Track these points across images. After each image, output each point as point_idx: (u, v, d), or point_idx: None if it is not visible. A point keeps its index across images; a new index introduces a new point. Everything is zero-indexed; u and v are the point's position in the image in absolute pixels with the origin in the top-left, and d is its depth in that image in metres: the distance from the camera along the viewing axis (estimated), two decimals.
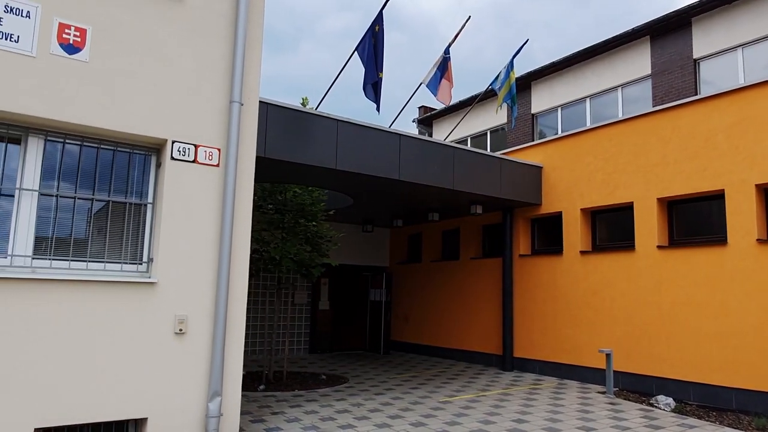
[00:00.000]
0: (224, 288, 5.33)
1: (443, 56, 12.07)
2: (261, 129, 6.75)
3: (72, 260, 4.92)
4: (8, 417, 4.37)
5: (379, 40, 10.18)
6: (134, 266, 5.22)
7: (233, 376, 5.44)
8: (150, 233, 5.30)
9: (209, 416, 5.16)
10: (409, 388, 9.04)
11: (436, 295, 13.47)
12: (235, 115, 5.53)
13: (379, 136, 8.61)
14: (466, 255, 12.77)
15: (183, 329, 5.18)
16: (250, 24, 5.81)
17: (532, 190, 10.83)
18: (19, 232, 4.68)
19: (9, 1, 4.58)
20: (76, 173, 5.05)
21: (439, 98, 11.97)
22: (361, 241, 14.47)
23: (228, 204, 5.42)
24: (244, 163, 5.66)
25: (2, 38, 4.52)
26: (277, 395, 8.17)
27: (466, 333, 12.47)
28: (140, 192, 5.35)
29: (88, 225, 5.11)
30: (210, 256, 5.38)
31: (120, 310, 4.91)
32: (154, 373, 5.01)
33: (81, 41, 4.87)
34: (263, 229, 8.99)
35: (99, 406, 4.75)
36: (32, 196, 4.78)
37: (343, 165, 8.08)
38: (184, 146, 5.34)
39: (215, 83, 5.57)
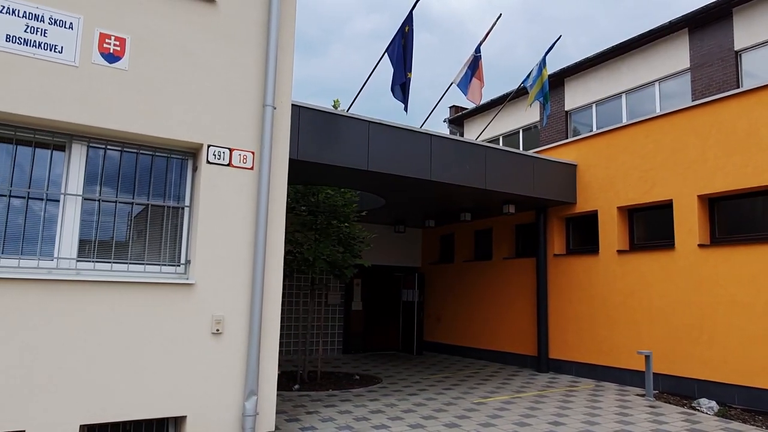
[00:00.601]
0: (259, 289, 5.43)
1: (474, 55, 11.99)
2: (293, 132, 6.84)
3: (114, 262, 5.09)
4: (56, 414, 4.54)
5: (408, 41, 10.18)
6: (173, 268, 5.36)
7: (269, 375, 5.53)
8: (187, 236, 5.43)
9: (246, 415, 5.26)
10: (442, 388, 9.01)
11: (469, 295, 13.38)
12: (268, 119, 5.62)
13: (410, 136, 8.61)
14: (499, 255, 12.65)
15: (220, 329, 5.29)
16: (282, 29, 5.90)
17: (567, 189, 10.65)
18: (64, 236, 4.87)
19: (53, 14, 4.77)
20: (117, 178, 5.22)
21: (469, 98, 11.89)
22: (393, 241, 14.49)
23: (262, 206, 5.51)
24: (277, 166, 5.75)
25: (47, 49, 4.71)
26: (311, 395, 8.26)
27: (499, 334, 12.35)
28: (178, 195, 5.50)
29: (129, 228, 5.28)
30: (245, 258, 5.48)
31: (159, 311, 5.05)
32: (192, 372, 5.14)
33: (121, 50, 5.04)
34: (296, 231, 9.10)
35: (141, 403, 4.90)
36: (76, 201, 4.96)
37: (374, 166, 8.12)
38: (220, 150, 5.45)
39: (249, 88, 5.68)
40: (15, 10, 4.62)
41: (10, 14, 4.59)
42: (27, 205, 4.81)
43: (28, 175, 4.82)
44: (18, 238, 4.72)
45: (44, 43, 4.71)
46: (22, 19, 4.63)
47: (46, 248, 4.82)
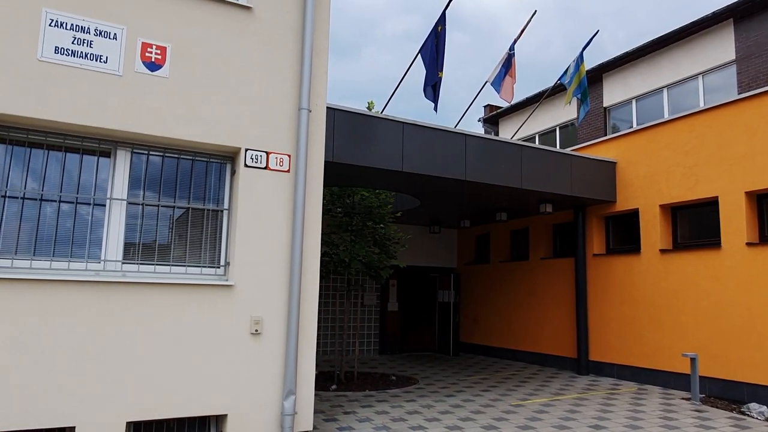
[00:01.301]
0: (296, 290, 5.50)
1: (508, 53, 11.86)
2: (328, 134, 6.91)
3: (157, 264, 5.25)
4: (104, 411, 4.71)
5: (441, 41, 10.16)
6: (213, 269, 5.49)
7: (306, 375, 5.60)
8: (226, 238, 5.55)
9: (284, 414, 5.34)
10: (479, 390, 8.93)
11: (506, 296, 13.22)
12: (303, 122, 5.70)
13: (445, 136, 8.57)
14: (536, 255, 12.45)
15: (258, 330, 5.38)
16: (317, 33, 5.96)
17: (606, 187, 10.40)
18: (110, 239, 5.05)
19: (98, 25, 4.95)
20: (159, 182, 5.38)
21: (502, 96, 11.77)
22: (428, 242, 14.45)
23: (299, 208, 5.59)
24: (313, 168, 5.82)
25: (93, 60, 4.90)
26: (348, 395, 8.32)
27: (537, 335, 12.16)
28: (217, 198, 5.63)
29: (170, 231, 5.43)
30: (282, 259, 5.57)
31: (200, 311, 5.18)
32: (232, 372, 5.25)
33: (161, 58, 5.19)
34: (332, 232, 9.17)
35: (183, 401, 5.03)
36: (121, 205, 5.14)
37: (409, 167, 8.12)
38: (257, 153, 5.55)
39: (284, 91, 5.76)
40: (63, 23, 4.82)
41: (58, 27, 4.80)
42: (75, 209, 5.00)
43: (76, 181, 5.02)
44: (67, 242, 4.92)
45: (90, 53, 4.89)
46: (69, 31, 4.83)
47: (94, 251, 5.01)
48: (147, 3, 5.19)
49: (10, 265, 4.66)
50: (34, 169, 4.89)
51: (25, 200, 4.83)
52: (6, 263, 4.66)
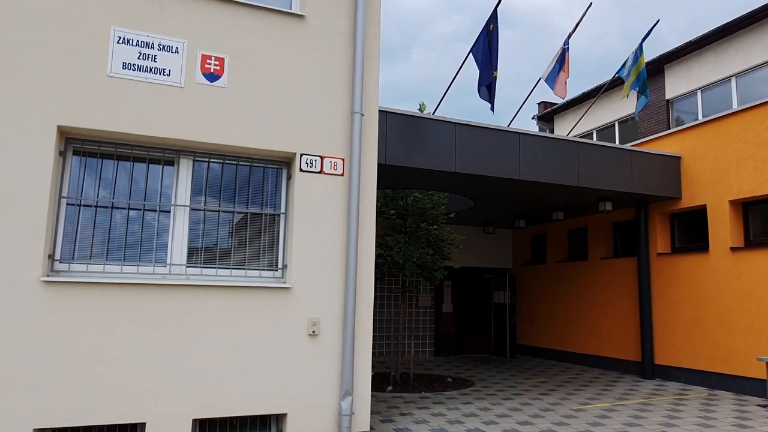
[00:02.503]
0: (352, 291, 5.57)
1: (562, 48, 11.57)
2: (381, 137, 6.96)
3: (218, 268, 5.45)
4: (172, 408, 4.93)
5: (493, 39, 10.03)
6: (271, 272, 5.64)
7: (363, 376, 5.66)
8: (284, 241, 5.69)
9: (342, 414, 5.41)
10: (538, 393, 8.75)
11: (564, 297, 12.88)
12: (356, 126, 5.77)
13: (498, 135, 8.46)
14: (596, 255, 12.07)
15: (315, 331, 5.49)
16: (368, 38, 6.03)
17: (670, 183, 9.96)
18: (175, 244, 5.29)
19: (162, 40, 5.20)
20: (219, 188, 5.58)
21: (556, 92, 11.49)
22: (482, 243, 14.28)
23: (353, 211, 5.66)
24: (366, 171, 5.88)
25: (157, 73, 5.15)
26: (404, 396, 8.34)
27: (598, 337, 11.78)
28: (274, 203, 5.78)
29: (230, 235, 5.62)
30: (338, 261, 5.65)
31: (260, 313, 5.33)
32: (291, 372, 5.37)
33: (220, 69, 5.39)
34: (386, 234, 9.22)
35: (245, 400, 5.20)
36: (185, 211, 5.37)
37: (462, 167, 8.06)
38: (312, 158, 5.67)
39: (337, 96, 5.86)
40: (129, 39, 5.09)
41: (125, 44, 5.07)
42: (143, 216, 5.27)
43: (143, 189, 5.29)
44: (136, 247, 5.19)
45: (154, 67, 5.14)
46: (135, 47, 5.10)
47: (160, 256, 5.25)
48: (206, 17, 5.40)
49: (85, 270, 4.96)
50: (105, 178, 5.19)
51: (97, 208, 5.12)
52: (81, 268, 4.96)
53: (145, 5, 5.20)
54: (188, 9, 5.35)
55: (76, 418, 4.64)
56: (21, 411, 4.49)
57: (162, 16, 5.25)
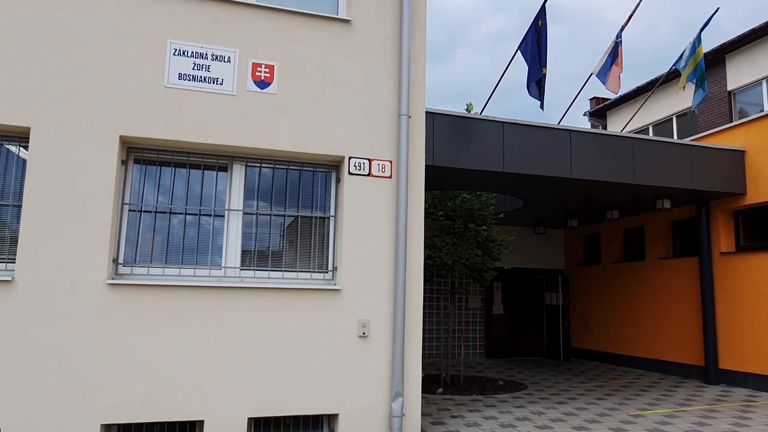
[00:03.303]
0: (401, 293, 5.59)
1: (615, 41, 11.20)
2: (428, 138, 6.94)
3: (270, 270, 5.58)
4: (228, 407, 5.09)
5: (542, 35, 9.83)
6: (321, 274, 5.73)
7: (413, 378, 5.66)
8: (333, 244, 5.77)
9: (393, 415, 5.43)
10: (593, 398, 8.50)
11: (620, 298, 12.46)
12: (404, 128, 5.79)
13: (548, 134, 8.29)
14: (653, 255, 11.61)
15: (366, 332, 5.53)
16: (414, 40, 6.04)
17: (733, 179, 9.47)
18: (229, 247, 5.45)
19: (215, 51, 5.39)
20: (270, 193, 5.72)
21: (608, 87, 11.13)
22: (533, 243, 14.01)
23: (401, 213, 5.68)
24: (414, 173, 5.89)
25: (210, 82, 5.34)
26: (455, 399, 8.28)
27: (657, 340, 11.33)
28: (324, 206, 5.87)
29: (282, 238, 5.75)
30: (387, 263, 5.68)
31: (311, 315, 5.42)
32: (342, 373, 5.44)
33: (270, 76, 5.53)
34: (435, 236, 9.20)
35: (298, 400, 5.30)
36: (238, 216, 5.53)
37: (510, 167, 7.94)
38: (360, 161, 5.73)
39: (384, 99, 5.89)
40: (184, 51, 5.30)
41: (180, 55, 5.28)
42: (199, 221, 5.46)
43: (198, 194, 5.49)
44: (193, 251, 5.39)
45: (208, 77, 5.33)
46: (190, 58, 5.30)
47: (215, 259, 5.43)
48: (256, 26, 5.56)
49: (146, 273, 5.19)
50: (163, 185, 5.41)
51: (156, 214, 5.35)
52: (143, 271, 5.19)
53: (199, 18, 5.40)
54: (239, 19, 5.52)
55: (139, 415, 4.86)
56: (90, 407, 4.74)
57: (214, 28, 5.43)
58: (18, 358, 4.62)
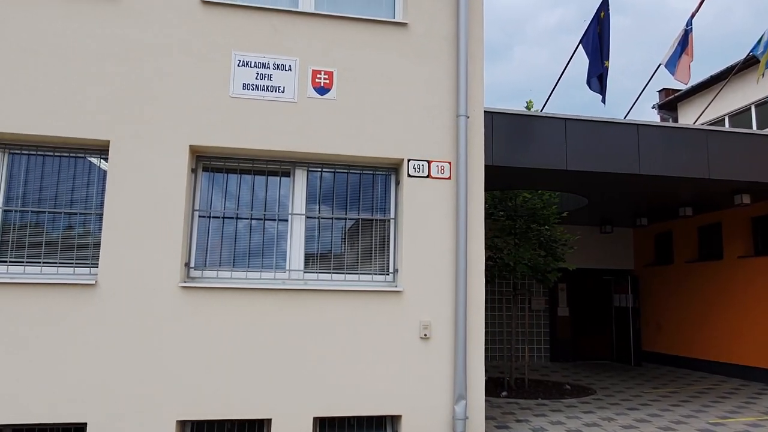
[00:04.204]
0: (462, 294, 5.55)
1: (684, 29, 10.67)
2: (487, 138, 6.86)
3: (333, 272, 5.68)
4: (294, 406, 5.22)
5: (604, 28, 9.52)
6: (383, 276, 5.78)
7: (476, 380, 5.61)
8: (394, 246, 5.81)
9: (456, 418, 5.40)
10: (668, 404, 8.10)
11: (695, 299, 11.81)
12: (462, 129, 5.75)
13: (613, 129, 7.98)
14: (732, 253, 10.94)
15: (427, 334, 5.53)
16: (471, 39, 5.99)
17: None
18: (293, 250, 5.60)
19: (276, 60, 5.56)
20: (332, 196, 5.83)
21: (677, 77, 10.60)
22: (599, 243, 13.52)
23: (461, 214, 5.64)
24: (473, 174, 5.84)
25: (273, 91, 5.52)
26: (519, 402, 8.12)
27: (738, 344, 10.65)
28: (384, 209, 5.92)
29: (343, 241, 5.85)
30: (448, 265, 5.66)
31: (373, 316, 5.48)
32: (404, 375, 5.46)
33: (329, 83, 5.65)
34: (495, 236, 9.07)
35: (361, 400, 5.37)
36: (300, 219, 5.67)
37: (573, 165, 7.71)
38: (419, 163, 5.74)
39: (442, 100, 5.88)
40: (248, 62, 5.50)
41: (244, 66, 5.49)
42: (263, 225, 5.65)
43: (262, 199, 5.67)
44: (259, 254, 5.57)
45: (270, 86, 5.51)
46: (253, 68, 5.50)
47: (279, 262, 5.60)
48: (314, 34, 5.69)
49: (215, 276, 5.42)
50: (229, 191, 5.63)
51: (224, 219, 5.58)
52: (212, 274, 5.43)
53: (260, 29, 5.59)
54: (298, 28, 5.67)
55: (212, 412, 5.08)
56: (166, 405, 5.00)
57: (275, 38, 5.61)
58: (101, 356, 4.93)
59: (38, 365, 4.83)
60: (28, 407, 4.78)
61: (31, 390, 4.80)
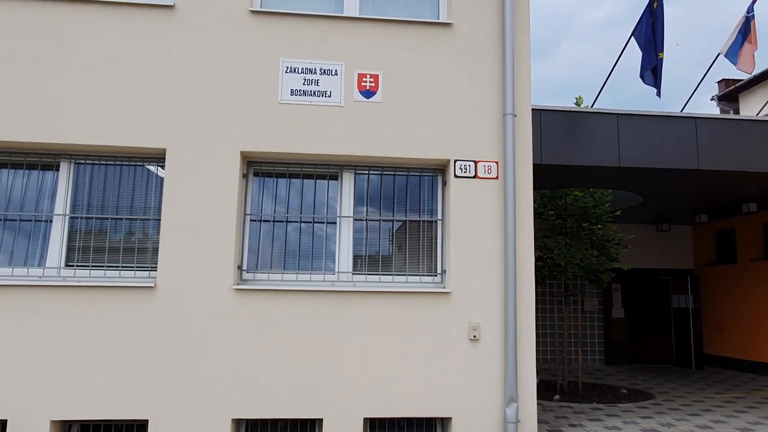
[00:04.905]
0: (512, 295, 5.47)
1: (745, 16, 10.14)
2: (536, 136, 6.76)
3: (381, 274, 5.72)
4: (345, 406, 5.28)
5: (658, 18, 9.16)
6: (430, 278, 5.77)
7: (527, 383, 5.51)
8: (441, 247, 5.80)
9: (507, 421, 5.32)
10: (732, 410, 7.71)
11: (762, 300, 11.19)
12: (509, 127, 5.67)
13: (669, 123, 7.68)
14: None
15: (476, 336, 5.48)
16: (517, 36, 5.91)
17: None
18: (341, 253, 5.67)
19: (322, 65, 5.66)
20: (379, 198, 5.87)
21: (740, 67, 10.08)
22: (656, 241, 13.03)
23: (509, 214, 5.57)
24: (521, 173, 5.75)
25: (320, 96, 5.61)
26: (573, 406, 7.92)
27: None
28: (431, 210, 5.91)
29: (391, 243, 5.87)
30: (496, 265, 5.60)
31: (421, 318, 5.48)
32: (454, 376, 5.43)
33: (375, 85, 5.69)
34: (545, 236, 8.90)
35: (412, 402, 5.37)
36: (348, 222, 5.74)
37: (627, 161, 7.47)
38: (465, 163, 5.70)
39: (488, 99, 5.82)
40: (295, 68, 5.62)
41: (292, 72, 5.61)
42: (313, 228, 5.74)
43: (311, 202, 5.77)
44: (308, 257, 5.67)
45: (317, 90, 5.61)
46: (300, 74, 5.61)
47: (328, 264, 5.68)
48: (360, 38, 5.75)
49: (267, 278, 5.56)
50: (279, 195, 5.76)
51: (274, 222, 5.71)
52: (264, 276, 5.56)
53: (307, 35, 5.70)
54: (343, 33, 5.74)
55: (265, 411, 5.20)
56: (221, 403, 5.15)
57: (322, 44, 5.70)
58: (160, 355, 5.15)
59: (103, 363, 5.09)
60: (93, 404, 5.05)
61: (97, 387, 5.06)
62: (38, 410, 4.98)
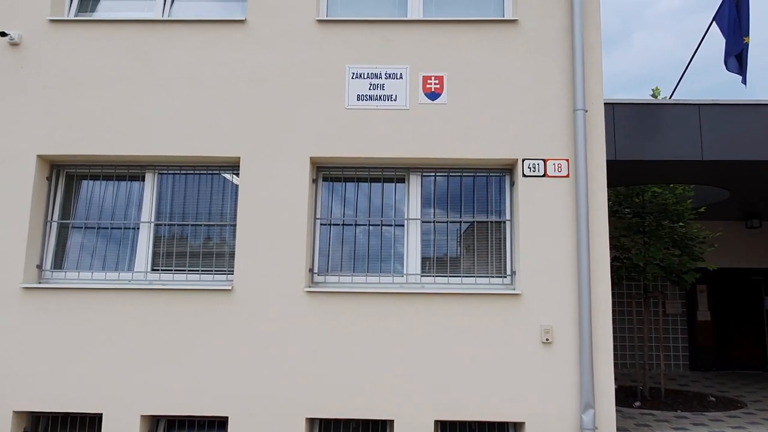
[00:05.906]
0: (586, 297, 5.28)
1: None
2: (609, 131, 6.51)
3: (449, 276, 5.69)
4: (416, 409, 5.30)
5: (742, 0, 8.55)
6: (500, 279, 5.68)
7: (605, 388, 5.30)
8: (511, 248, 5.69)
9: (583, 428, 5.14)
10: None
11: None
12: (580, 123, 5.49)
13: (757, 111, 7.16)
14: None
15: (549, 339, 5.34)
16: (587, 29, 5.72)
17: None
18: (410, 255, 5.70)
19: (387, 69, 5.72)
20: (446, 200, 5.85)
21: None
22: (745, 239, 12.15)
23: (582, 213, 5.39)
24: (594, 170, 5.55)
25: (386, 100, 5.67)
26: (655, 414, 7.53)
27: None
28: (499, 210, 5.83)
29: (459, 244, 5.84)
30: (569, 266, 5.43)
31: (491, 320, 5.40)
32: (526, 380, 5.31)
33: (440, 87, 5.69)
34: (622, 235, 8.53)
35: (482, 405, 5.30)
36: (416, 224, 5.76)
37: (710, 154, 7.03)
38: (534, 162, 5.58)
39: (556, 95, 5.67)
40: (361, 74, 5.72)
41: (358, 78, 5.71)
42: (381, 231, 5.81)
43: (379, 205, 5.84)
44: (377, 259, 5.74)
45: (383, 95, 5.67)
46: (366, 80, 5.70)
47: (397, 266, 5.72)
48: (424, 40, 5.77)
49: (337, 281, 5.67)
50: (348, 199, 5.87)
51: (343, 226, 5.82)
52: (334, 279, 5.68)
53: (372, 41, 5.78)
54: (407, 36, 5.78)
55: (337, 411, 5.31)
56: (296, 403, 5.31)
57: (386, 48, 5.77)
58: (238, 355, 5.37)
59: (187, 362, 5.38)
60: (179, 400, 5.34)
61: (181, 384, 5.36)
62: (130, 405, 5.34)
